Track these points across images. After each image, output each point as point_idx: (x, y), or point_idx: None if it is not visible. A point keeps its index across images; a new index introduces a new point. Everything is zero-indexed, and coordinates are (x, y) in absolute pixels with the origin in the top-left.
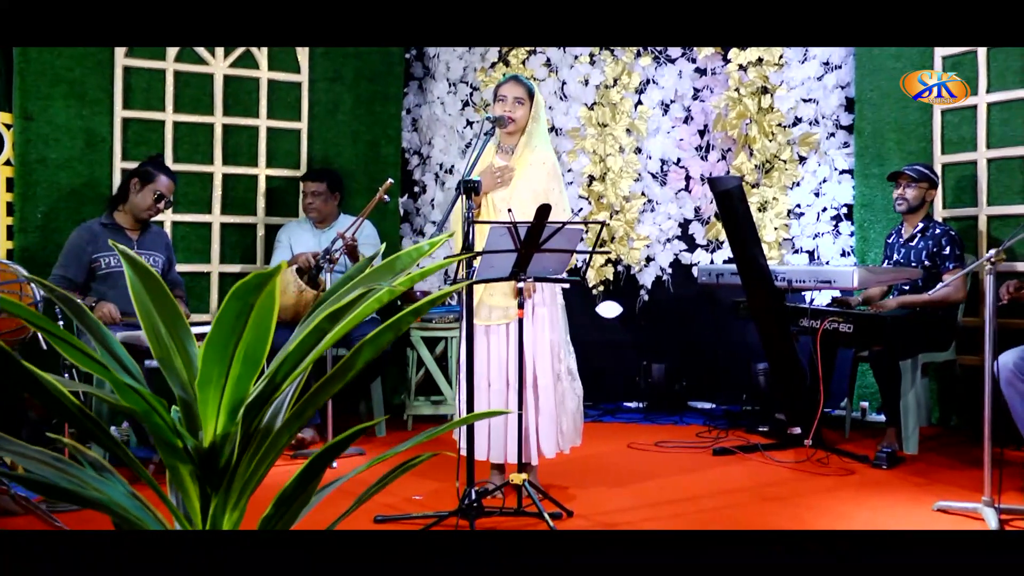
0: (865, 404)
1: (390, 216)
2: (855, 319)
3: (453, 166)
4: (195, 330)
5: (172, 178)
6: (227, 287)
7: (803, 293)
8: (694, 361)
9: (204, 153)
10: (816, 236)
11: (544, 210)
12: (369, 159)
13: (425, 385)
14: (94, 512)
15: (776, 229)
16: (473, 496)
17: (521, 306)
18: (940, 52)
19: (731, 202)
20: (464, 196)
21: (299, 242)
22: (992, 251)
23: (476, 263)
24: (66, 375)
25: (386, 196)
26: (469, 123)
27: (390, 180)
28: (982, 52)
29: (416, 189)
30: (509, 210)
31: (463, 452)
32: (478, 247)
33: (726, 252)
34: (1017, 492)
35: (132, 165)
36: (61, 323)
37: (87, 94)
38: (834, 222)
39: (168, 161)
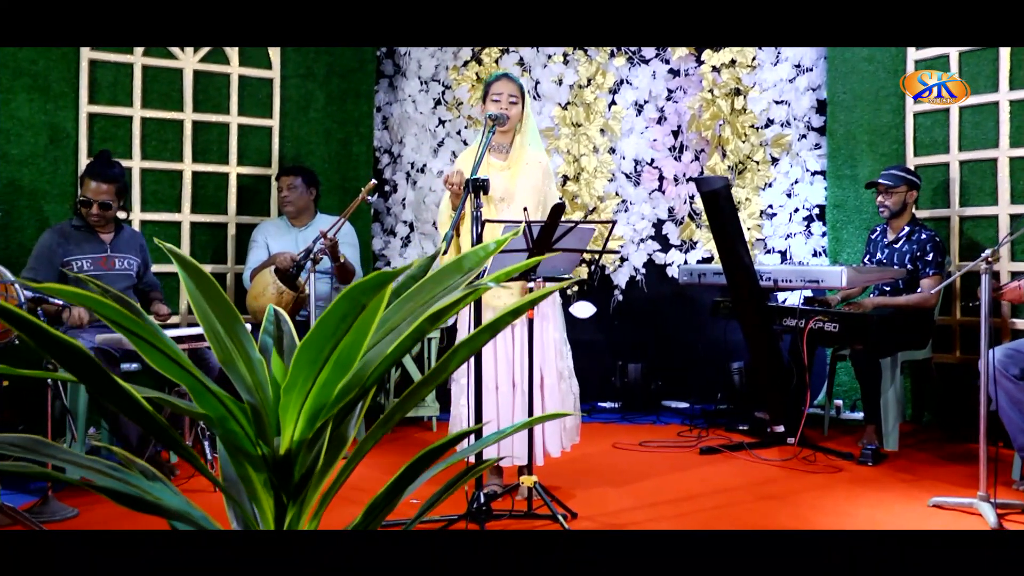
0: (839, 402)
1: (362, 215)
2: (840, 318)
3: (425, 165)
4: (170, 333)
5: (104, 178)
6: None
7: (776, 293)
8: (668, 361)
9: (173, 150)
10: (788, 236)
11: (558, 209)
12: (341, 157)
13: (402, 386)
14: (83, 520)
15: (749, 229)
16: (482, 499)
17: (531, 306)
18: (912, 56)
19: (717, 202)
20: (472, 195)
21: (276, 242)
22: (988, 251)
23: (487, 263)
24: (48, 381)
25: (369, 197)
26: (441, 122)
27: (373, 181)
28: (954, 56)
29: (387, 188)
30: (524, 209)
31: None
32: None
33: (700, 252)
34: (1002, 486)
35: None
36: None
37: (51, 88)
38: (806, 222)
39: (135, 158)
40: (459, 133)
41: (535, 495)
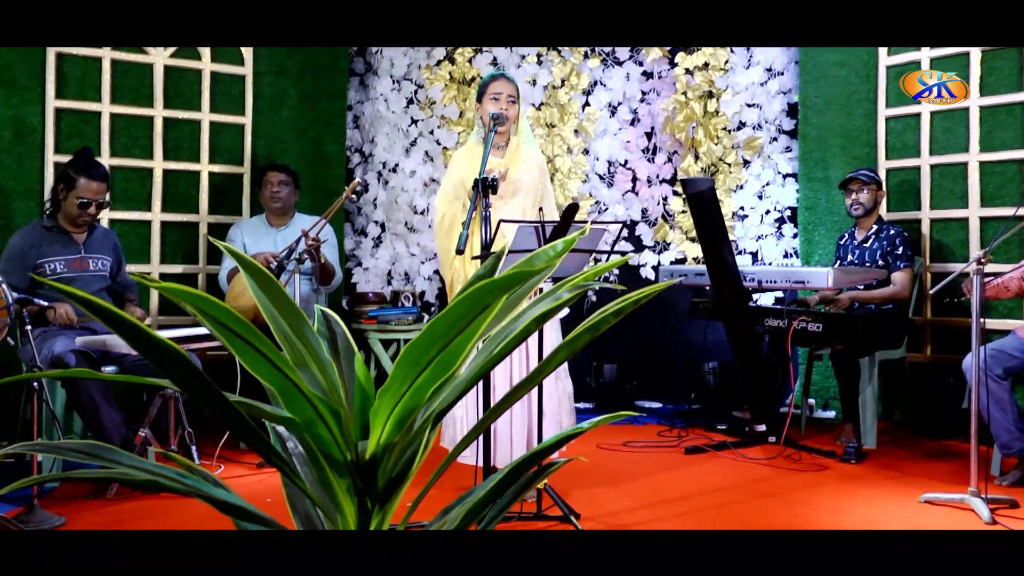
0: (811, 401)
1: (335, 215)
2: (824, 319)
3: (397, 164)
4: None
5: (99, 177)
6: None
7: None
8: (641, 361)
9: (143, 147)
10: (759, 238)
11: (572, 209)
12: (314, 156)
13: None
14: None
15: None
16: None
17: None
18: (884, 61)
19: (703, 203)
20: (481, 195)
21: (254, 241)
22: (980, 252)
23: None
24: (34, 383)
25: (353, 195)
26: (414, 121)
27: (358, 180)
28: (925, 62)
29: (358, 188)
30: (540, 209)
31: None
32: (494, 246)
33: (673, 253)
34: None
35: (65, 159)
36: (29, 328)
37: (16, 81)
38: (777, 224)
39: (104, 155)
40: (432, 133)
41: (543, 496)
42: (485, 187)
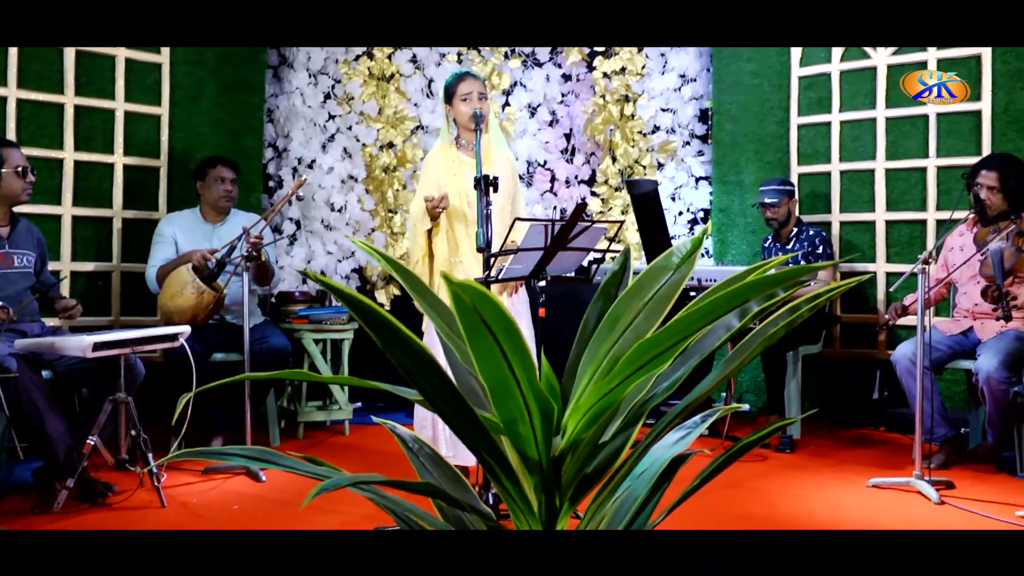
0: (724, 394)
1: (251, 212)
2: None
3: (314, 161)
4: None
5: (18, 146)
6: (79, 287)
7: None
8: (561, 359)
9: (52, 136)
10: (672, 238)
11: (580, 208)
12: (233, 150)
13: (313, 390)
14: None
15: (636, 231)
16: (491, 500)
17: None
18: (796, 72)
19: (646, 204)
20: (484, 193)
21: (188, 238)
22: (924, 253)
23: (507, 261)
24: None
25: (300, 192)
26: (331, 116)
27: (304, 176)
28: (835, 75)
29: (271, 184)
30: (556, 208)
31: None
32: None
33: (591, 254)
34: (911, 466)
35: None
36: None
37: None
38: (690, 225)
39: None
40: (350, 128)
41: None
42: (487, 185)
